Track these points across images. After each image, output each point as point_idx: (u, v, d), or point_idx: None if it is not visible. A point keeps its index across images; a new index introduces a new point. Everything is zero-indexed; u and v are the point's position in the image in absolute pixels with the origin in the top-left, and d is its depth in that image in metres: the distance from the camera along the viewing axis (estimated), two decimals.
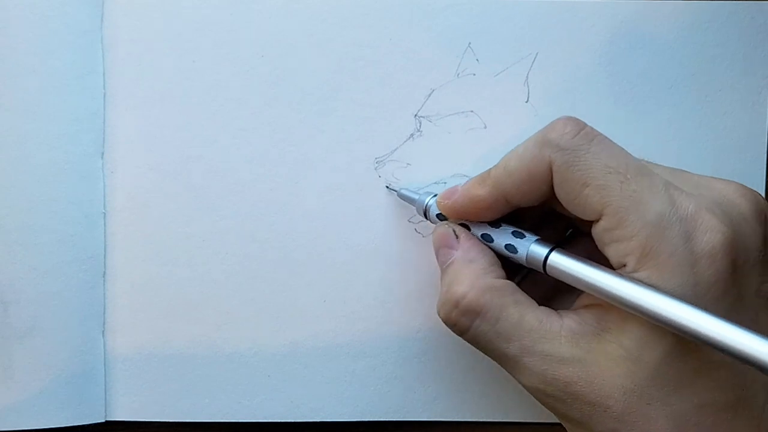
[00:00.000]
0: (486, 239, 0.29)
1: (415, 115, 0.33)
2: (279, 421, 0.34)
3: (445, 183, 0.33)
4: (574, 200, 0.26)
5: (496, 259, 0.28)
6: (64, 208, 0.33)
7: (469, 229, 0.29)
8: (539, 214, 0.30)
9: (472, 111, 0.33)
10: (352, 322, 0.34)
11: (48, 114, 0.32)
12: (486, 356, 0.27)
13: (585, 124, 0.26)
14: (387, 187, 0.33)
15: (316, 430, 0.34)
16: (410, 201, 0.32)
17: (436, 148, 0.33)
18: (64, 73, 0.32)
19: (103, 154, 0.33)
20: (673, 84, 0.34)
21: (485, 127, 0.33)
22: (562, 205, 0.27)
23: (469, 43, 0.33)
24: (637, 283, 0.24)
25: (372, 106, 0.33)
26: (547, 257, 0.26)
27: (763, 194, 0.34)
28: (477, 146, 0.33)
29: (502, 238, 0.28)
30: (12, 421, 0.33)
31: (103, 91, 0.33)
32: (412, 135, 0.33)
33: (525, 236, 0.28)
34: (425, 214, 0.31)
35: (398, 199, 0.33)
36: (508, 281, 0.28)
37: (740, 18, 0.34)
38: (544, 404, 0.27)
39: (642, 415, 0.24)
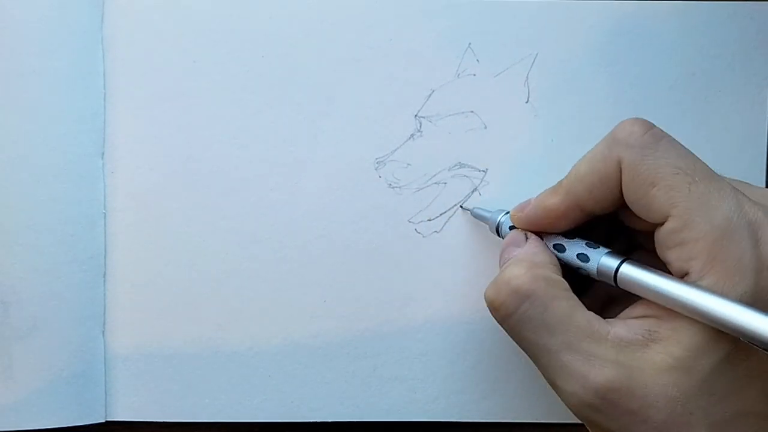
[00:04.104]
0: (558, 249, 0.28)
1: (416, 116, 0.33)
2: (279, 421, 0.34)
3: (445, 183, 0.33)
4: (641, 200, 0.25)
5: (558, 264, 0.28)
6: (64, 208, 0.33)
7: (542, 239, 0.29)
8: (605, 232, 0.30)
9: (472, 111, 0.33)
10: (352, 322, 0.34)
11: (48, 114, 0.32)
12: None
13: (653, 125, 0.26)
14: (461, 207, 0.33)
15: (316, 430, 0.34)
16: (483, 219, 0.32)
17: (436, 148, 0.33)
18: (64, 73, 0.32)
19: (103, 154, 0.33)
20: (673, 84, 0.34)
21: (485, 128, 0.33)
22: (628, 213, 0.26)
23: (469, 43, 0.33)
24: (715, 294, 0.23)
25: (372, 107, 0.33)
26: (618, 268, 0.26)
27: None
28: (477, 146, 0.33)
29: (575, 248, 0.28)
30: (12, 421, 0.33)
31: (103, 91, 0.33)
32: (412, 135, 0.33)
33: (598, 248, 0.28)
34: (497, 231, 0.31)
35: (398, 199, 0.33)
36: (564, 281, 0.27)
37: (740, 18, 0.34)
38: (579, 415, 0.26)
39: (682, 425, 0.24)
